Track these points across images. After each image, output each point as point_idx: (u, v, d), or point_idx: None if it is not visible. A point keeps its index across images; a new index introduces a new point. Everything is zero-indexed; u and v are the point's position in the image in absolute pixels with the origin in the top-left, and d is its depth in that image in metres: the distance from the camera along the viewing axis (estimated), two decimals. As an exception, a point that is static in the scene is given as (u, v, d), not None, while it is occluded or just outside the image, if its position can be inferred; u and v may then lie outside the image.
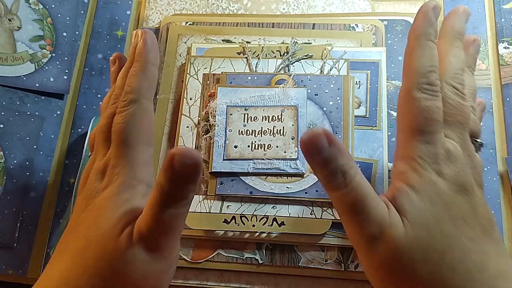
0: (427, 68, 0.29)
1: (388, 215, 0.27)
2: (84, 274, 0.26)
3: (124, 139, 0.30)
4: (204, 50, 0.45)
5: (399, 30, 0.45)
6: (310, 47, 0.44)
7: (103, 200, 0.29)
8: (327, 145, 0.26)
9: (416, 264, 0.26)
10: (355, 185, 0.27)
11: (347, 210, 0.27)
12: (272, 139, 0.40)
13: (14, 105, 0.44)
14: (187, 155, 0.24)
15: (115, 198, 0.29)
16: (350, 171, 0.27)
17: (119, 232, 0.27)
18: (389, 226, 0.26)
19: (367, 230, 0.27)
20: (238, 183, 0.39)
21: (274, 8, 0.48)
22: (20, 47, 0.46)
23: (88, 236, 0.28)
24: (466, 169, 0.28)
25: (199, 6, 0.49)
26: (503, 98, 0.43)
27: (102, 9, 0.49)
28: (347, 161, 0.27)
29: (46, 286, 0.27)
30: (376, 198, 0.27)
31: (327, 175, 0.27)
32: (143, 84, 0.32)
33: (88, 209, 0.29)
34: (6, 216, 0.41)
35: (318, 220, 0.38)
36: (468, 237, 0.27)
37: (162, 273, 0.28)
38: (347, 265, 0.38)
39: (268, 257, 0.39)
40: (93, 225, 0.28)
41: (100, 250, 0.27)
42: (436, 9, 0.30)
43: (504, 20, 0.45)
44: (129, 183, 0.29)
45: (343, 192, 0.27)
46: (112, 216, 0.28)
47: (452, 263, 0.26)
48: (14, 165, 0.43)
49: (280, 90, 0.41)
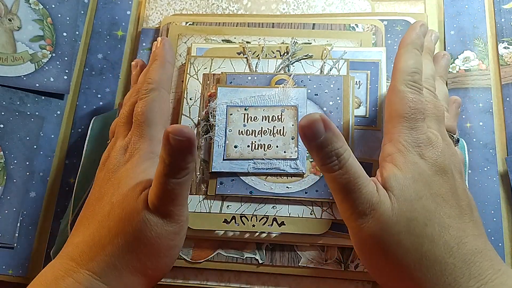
0: (412, 69, 0.34)
1: (377, 193, 0.30)
2: (109, 235, 0.30)
3: (144, 119, 0.36)
4: (204, 50, 0.45)
5: (399, 30, 0.45)
6: (310, 47, 0.44)
7: (125, 171, 0.34)
8: (323, 130, 0.28)
9: (401, 234, 0.29)
10: (348, 167, 0.29)
11: (340, 189, 0.30)
12: (272, 139, 0.40)
13: (14, 105, 0.44)
14: (179, 132, 0.28)
15: (136, 168, 0.33)
16: (344, 154, 0.29)
17: (137, 195, 0.31)
18: (377, 202, 0.30)
19: (359, 207, 0.30)
20: (238, 183, 0.39)
21: (274, 8, 0.48)
22: (20, 47, 0.46)
23: (112, 201, 0.32)
24: (446, 154, 0.32)
25: (199, 6, 0.49)
26: (503, 98, 0.43)
27: (102, 9, 0.49)
28: (342, 145, 0.29)
29: (71, 251, 0.31)
30: (366, 178, 0.30)
31: (322, 157, 0.29)
32: (162, 76, 0.38)
33: (111, 180, 0.34)
34: (6, 216, 0.41)
35: (318, 220, 0.38)
36: (447, 214, 0.30)
37: (174, 234, 0.31)
38: (347, 265, 0.38)
39: (268, 257, 0.39)
40: (117, 191, 0.32)
41: (122, 212, 0.31)
42: (423, 26, 0.37)
43: (504, 20, 0.45)
44: (147, 156, 0.34)
45: (337, 173, 0.29)
46: (132, 182, 0.32)
47: (433, 235, 0.29)
48: (14, 165, 0.43)
49: (280, 90, 0.41)
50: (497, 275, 0.29)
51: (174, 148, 0.28)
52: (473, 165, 0.41)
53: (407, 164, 0.31)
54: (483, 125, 0.42)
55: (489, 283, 0.28)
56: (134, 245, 0.30)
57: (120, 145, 0.36)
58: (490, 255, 0.30)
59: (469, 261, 0.29)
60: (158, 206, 0.30)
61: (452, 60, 0.45)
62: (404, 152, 0.31)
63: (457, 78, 0.44)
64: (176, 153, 0.28)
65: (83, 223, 0.33)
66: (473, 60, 0.45)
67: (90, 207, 0.34)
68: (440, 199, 0.30)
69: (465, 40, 0.45)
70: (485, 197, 0.40)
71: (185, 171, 0.30)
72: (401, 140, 0.32)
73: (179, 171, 0.29)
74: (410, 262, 0.29)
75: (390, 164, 0.32)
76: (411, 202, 0.30)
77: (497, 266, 0.29)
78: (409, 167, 0.31)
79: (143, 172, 0.33)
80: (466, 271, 0.28)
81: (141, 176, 0.33)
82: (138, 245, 0.30)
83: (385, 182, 0.31)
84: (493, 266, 0.29)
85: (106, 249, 0.30)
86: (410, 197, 0.30)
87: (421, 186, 0.30)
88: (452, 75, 0.45)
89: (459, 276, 0.28)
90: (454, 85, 0.44)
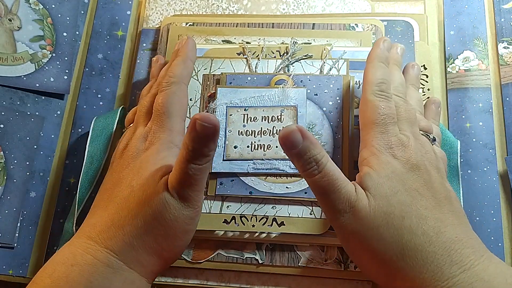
0: (379, 79, 0.36)
1: (355, 193, 0.32)
2: (128, 216, 0.32)
3: (164, 110, 0.37)
4: (204, 51, 0.45)
5: (399, 31, 0.45)
6: (309, 47, 0.44)
7: (146, 157, 0.35)
8: (301, 139, 0.30)
9: (380, 228, 0.31)
10: (326, 171, 0.31)
11: (321, 191, 0.32)
12: (272, 140, 0.40)
13: (15, 105, 0.44)
14: (206, 119, 0.29)
15: (156, 155, 0.35)
16: (322, 159, 0.31)
17: (158, 179, 0.33)
18: (355, 200, 0.32)
19: (339, 206, 0.32)
20: (238, 183, 0.39)
21: (274, 8, 0.48)
22: (20, 47, 0.46)
23: (132, 185, 0.33)
24: (418, 153, 0.34)
25: (199, 6, 0.49)
26: (502, 98, 0.43)
27: (102, 9, 0.49)
28: (319, 151, 0.31)
29: (89, 231, 0.32)
30: (344, 180, 0.32)
31: (302, 164, 0.31)
32: (183, 71, 0.40)
33: (130, 165, 0.35)
34: (6, 216, 0.41)
35: (318, 220, 0.38)
36: (423, 206, 0.32)
37: (190, 219, 0.33)
38: (347, 265, 0.38)
39: (268, 257, 0.39)
40: (136, 176, 0.34)
41: (142, 195, 0.32)
42: (386, 41, 0.40)
43: (503, 20, 0.45)
44: (167, 145, 0.36)
45: (317, 177, 0.31)
46: (153, 168, 0.34)
47: (411, 226, 0.31)
48: (14, 165, 0.43)
49: (280, 90, 0.41)
50: (479, 261, 0.30)
51: (200, 134, 0.30)
52: (473, 165, 0.41)
53: (381, 164, 0.33)
54: (483, 125, 0.42)
55: (472, 268, 0.30)
56: (153, 226, 0.32)
57: (140, 133, 0.38)
58: (472, 243, 0.31)
59: (449, 249, 0.30)
60: (178, 189, 0.32)
61: (452, 60, 0.45)
62: (377, 154, 0.34)
63: (457, 78, 0.44)
64: (202, 139, 0.30)
65: (100, 205, 0.35)
66: (473, 60, 0.45)
67: (107, 192, 0.35)
68: (415, 193, 0.32)
69: (465, 40, 0.45)
70: (485, 197, 0.40)
71: (207, 157, 0.31)
72: (374, 144, 0.34)
73: (202, 157, 0.31)
74: (392, 253, 0.31)
75: (365, 166, 0.34)
76: (387, 198, 0.32)
77: (480, 253, 0.31)
78: (383, 167, 0.33)
79: (162, 159, 0.35)
80: (448, 258, 0.30)
81: (160, 163, 0.34)
82: (157, 226, 0.32)
83: (361, 182, 0.33)
84: (475, 252, 0.30)
85: (125, 229, 0.32)
86: (386, 193, 0.32)
87: (396, 182, 0.32)
88: (452, 75, 0.45)
89: (441, 263, 0.30)
90: (454, 85, 0.44)
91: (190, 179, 0.31)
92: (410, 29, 0.45)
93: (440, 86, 0.45)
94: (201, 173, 0.32)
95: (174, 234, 0.32)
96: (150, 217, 0.32)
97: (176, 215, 0.32)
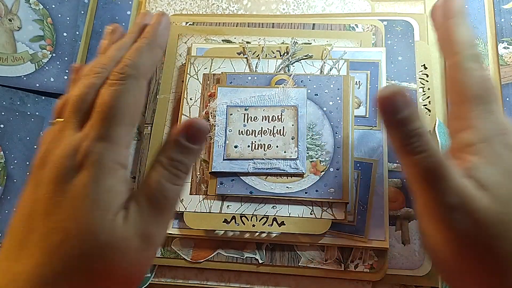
0: (473, 41, 0.29)
1: (469, 186, 0.25)
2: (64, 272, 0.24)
3: (112, 115, 0.26)
4: (204, 50, 0.45)
5: (399, 31, 0.45)
6: (310, 47, 0.44)
7: (82, 187, 0.25)
8: (405, 104, 0.25)
9: (497, 240, 0.25)
10: (433, 151, 0.25)
11: (423, 176, 0.25)
12: (272, 139, 0.40)
13: (15, 105, 0.44)
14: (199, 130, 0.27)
15: (97, 185, 0.25)
16: (427, 135, 0.25)
17: (110, 223, 0.25)
18: (470, 198, 0.25)
19: (447, 199, 0.25)
20: (238, 183, 0.39)
21: (274, 8, 0.48)
22: (21, 47, 0.46)
23: (66, 228, 0.24)
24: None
25: (199, 6, 0.49)
26: (503, 98, 0.43)
27: (102, 9, 0.49)
28: (423, 124, 0.25)
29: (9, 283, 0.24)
30: (455, 166, 0.26)
31: (403, 137, 0.25)
32: (146, 62, 0.29)
33: (60, 194, 0.25)
34: (6, 216, 0.41)
35: (318, 220, 0.38)
36: None
37: (150, 260, 0.27)
38: (347, 265, 0.38)
39: (268, 257, 0.39)
40: (73, 217, 0.24)
41: (86, 245, 0.24)
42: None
43: (503, 20, 0.45)
44: (111, 167, 0.26)
45: (419, 156, 0.25)
46: (97, 207, 0.25)
47: None
48: (14, 165, 0.43)
49: (280, 90, 0.41)
50: None
51: (188, 149, 0.27)
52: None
53: (497, 157, 0.26)
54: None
55: None
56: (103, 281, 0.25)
57: (69, 142, 0.26)
58: None
59: None
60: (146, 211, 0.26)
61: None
62: (490, 141, 0.26)
63: (457, 78, 0.44)
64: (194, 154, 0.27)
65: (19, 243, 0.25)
66: (473, 60, 0.45)
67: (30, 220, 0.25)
68: None
69: (465, 40, 0.45)
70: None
71: None
72: (482, 127, 0.27)
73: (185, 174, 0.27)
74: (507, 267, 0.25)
75: (475, 157, 0.26)
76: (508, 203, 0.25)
77: None
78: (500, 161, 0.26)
79: (109, 192, 0.25)
80: None
81: (107, 197, 0.25)
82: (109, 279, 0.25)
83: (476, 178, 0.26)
84: None
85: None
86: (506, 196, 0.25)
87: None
88: (452, 75, 0.45)
89: None
90: (454, 85, 0.44)
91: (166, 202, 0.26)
92: (410, 29, 0.45)
93: (440, 86, 0.45)
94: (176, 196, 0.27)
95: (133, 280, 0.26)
96: (100, 270, 0.24)
97: (137, 258, 0.25)
